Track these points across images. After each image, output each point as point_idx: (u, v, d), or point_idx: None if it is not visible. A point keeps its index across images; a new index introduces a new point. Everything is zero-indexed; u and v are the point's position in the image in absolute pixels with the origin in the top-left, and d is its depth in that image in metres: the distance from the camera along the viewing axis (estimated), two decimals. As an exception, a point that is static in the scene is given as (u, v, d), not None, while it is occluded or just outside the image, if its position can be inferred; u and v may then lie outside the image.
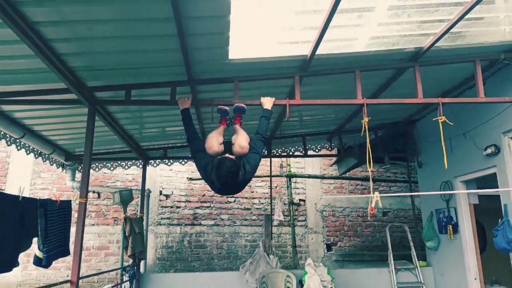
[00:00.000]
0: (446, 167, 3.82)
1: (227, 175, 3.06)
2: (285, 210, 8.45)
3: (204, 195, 8.36)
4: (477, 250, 5.33)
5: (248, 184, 8.70)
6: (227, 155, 3.23)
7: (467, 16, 3.23)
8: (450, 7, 3.16)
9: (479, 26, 3.56)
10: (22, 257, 3.73)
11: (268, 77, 3.94)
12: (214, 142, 3.41)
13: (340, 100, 4.03)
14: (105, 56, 3.29)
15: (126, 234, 5.47)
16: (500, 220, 4.49)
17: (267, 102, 3.59)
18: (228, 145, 3.54)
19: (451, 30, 3.42)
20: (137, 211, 7.10)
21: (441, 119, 3.78)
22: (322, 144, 6.96)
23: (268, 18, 3.09)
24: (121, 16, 2.75)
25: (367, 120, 3.72)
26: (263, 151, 3.46)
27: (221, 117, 3.74)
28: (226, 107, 3.63)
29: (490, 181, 4.81)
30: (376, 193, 3.15)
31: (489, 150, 4.66)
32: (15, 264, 3.43)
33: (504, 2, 3.27)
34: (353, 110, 5.33)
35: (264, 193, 8.61)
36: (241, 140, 3.33)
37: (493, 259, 6.20)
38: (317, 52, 3.51)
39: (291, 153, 6.94)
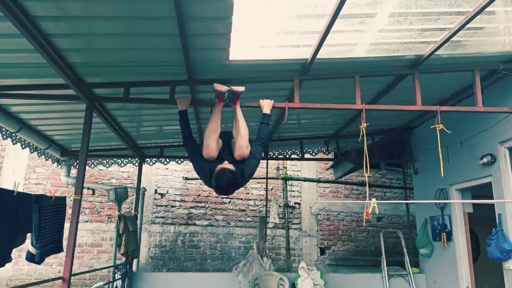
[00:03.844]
0: (443, 175, 3.83)
1: (227, 187, 3.08)
2: (280, 212, 8.45)
3: (199, 195, 8.34)
4: (470, 258, 5.35)
5: (244, 186, 8.74)
6: (226, 165, 3.09)
7: (467, 26, 3.24)
8: (452, 16, 3.17)
9: (479, 36, 3.57)
10: (13, 252, 3.68)
11: (268, 79, 3.94)
12: (211, 142, 3.22)
13: (339, 105, 4.03)
14: (105, 53, 3.28)
15: (120, 232, 5.44)
16: (494, 229, 4.51)
17: (266, 105, 3.59)
18: (226, 135, 3.45)
19: (451, 39, 3.43)
20: (132, 209, 7.07)
21: (438, 127, 3.80)
22: (319, 148, 6.97)
23: (270, 21, 3.09)
24: (123, 14, 2.73)
25: (365, 126, 3.72)
26: (262, 155, 3.43)
27: (217, 96, 3.49)
28: (222, 89, 3.38)
29: (486, 190, 4.83)
30: (373, 200, 3.15)
31: (485, 159, 4.68)
32: (8, 259, 3.41)
33: (504, 13, 3.29)
34: (352, 115, 5.34)
35: (259, 195, 8.61)
36: (241, 145, 3.23)
37: (486, 268, 6.23)
38: (318, 56, 3.50)
39: (288, 155, 6.94)
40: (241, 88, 3.42)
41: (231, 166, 3.09)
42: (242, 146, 3.22)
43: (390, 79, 4.30)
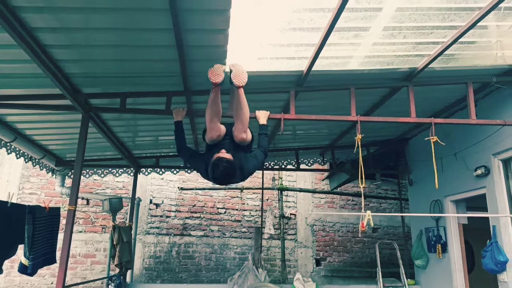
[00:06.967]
0: (437, 187, 3.85)
1: (222, 177, 3.02)
2: (276, 223, 8.42)
3: (194, 205, 8.30)
4: (465, 270, 5.35)
5: (239, 196, 8.71)
6: (222, 154, 3.00)
7: (460, 40, 3.30)
8: (445, 30, 3.23)
9: (472, 49, 3.63)
10: (5, 263, 3.64)
11: (263, 90, 3.97)
12: (213, 125, 3.06)
13: (334, 116, 4.06)
14: (102, 64, 3.29)
15: (114, 243, 5.40)
16: (488, 241, 4.52)
17: (262, 116, 3.61)
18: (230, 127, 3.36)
19: (444, 52, 3.49)
20: (126, 219, 7.02)
21: (433, 139, 3.83)
22: (315, 158, 6.98)
23: (266, 33, 3.12)
24: (121, 25, 2.76)
25: (360, 137, 3.75)
26: (264, 160, 3.43)
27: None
28: (218, 81, 3.01)
29: (480, 201, 4.85)
30: (368, 212, 3.16)
31: (479, 171, 4.71)
32: (0, 271, 3.37)
33: (496, 28, 3.35)
34: (347, 126, 5.37)
35: (255, 205, 8.58)
36: (240, 129, 3.14)
37: (481, 279, 6.22)
38: (313, 68, 3.54)
39: (283, 166, 6.95)
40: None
41: (227, 155, 2.98)
42: (240, 130, 3.16)
43: (384, 91, 4.34)
